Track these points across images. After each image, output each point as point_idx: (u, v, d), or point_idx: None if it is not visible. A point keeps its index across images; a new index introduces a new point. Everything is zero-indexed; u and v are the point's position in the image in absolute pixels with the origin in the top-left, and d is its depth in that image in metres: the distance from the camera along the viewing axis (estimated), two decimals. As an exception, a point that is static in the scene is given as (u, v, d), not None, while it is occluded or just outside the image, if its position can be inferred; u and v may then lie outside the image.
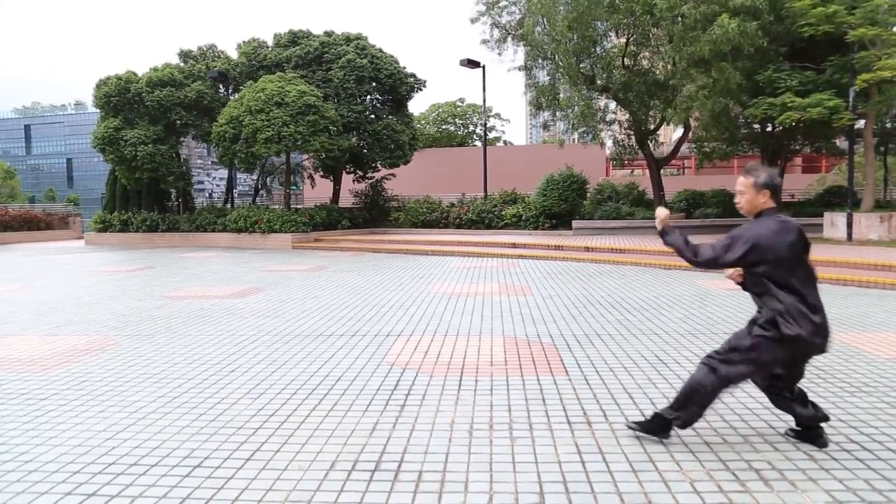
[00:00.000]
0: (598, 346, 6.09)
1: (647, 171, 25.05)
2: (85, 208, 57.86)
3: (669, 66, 18.00)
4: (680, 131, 25.30)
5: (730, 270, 3.70)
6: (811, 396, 3.90)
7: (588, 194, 21.89)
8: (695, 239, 3.62)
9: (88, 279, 12.69)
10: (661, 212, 3.79)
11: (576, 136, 22.67)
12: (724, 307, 8.02)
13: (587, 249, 15.24)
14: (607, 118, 22.84)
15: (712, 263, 3.50)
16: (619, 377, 5.02)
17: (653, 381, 4.88)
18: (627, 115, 21.82)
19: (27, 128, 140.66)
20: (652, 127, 21.98)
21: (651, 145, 22.59)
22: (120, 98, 23.16)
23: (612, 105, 23.11)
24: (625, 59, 20.64)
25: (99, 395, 4.81)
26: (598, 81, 20.88)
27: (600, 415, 4.17)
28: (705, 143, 22.11)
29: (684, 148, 24.75)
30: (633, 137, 22.45)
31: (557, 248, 15.93)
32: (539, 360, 5.57)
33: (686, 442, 3.68)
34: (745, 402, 4.39)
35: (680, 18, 16.23)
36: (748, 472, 3.30)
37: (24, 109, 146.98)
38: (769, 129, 19.70)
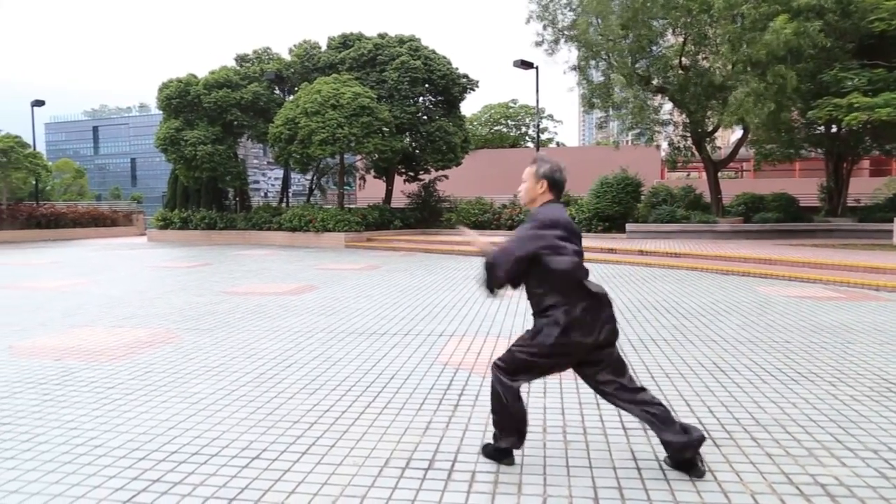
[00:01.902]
0: (653, 351, 5.99)
1: (703, 174, 24.51)
2: (147, 206, 59.72)
3: (728, 67, 17.59)
4: (738, 133, 24.69)
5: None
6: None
7: (642, 197, 21.55)
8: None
9: (151, 274, 13.11)
10: (472, 236, 3.59)
11: (629, 137, 22.36)
12: (785, 315, 7.79)
13: (641, 253, 15.00)
14: (662, 119, 22.44)
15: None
16: (676, 384, 4.93)
17: (710, 389, 4.78)
18: (684, 117, 21.41)
19: (95, 129, 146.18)
20: (709, 129, 21.50)
21: (708, 148, 22.09)
22: (180, 100, 23.87)
23: (668, 106, 22.70)
24: (682, 60, 20.25)
25: (161, 385, 4.97)
26: (654, 82, 20.53)
27: (656, 420, 4.10)
28: (764, 145, 21.53)
29: (743, 150, 24.12)
30: (689, 139, 22.00)
31: (611, 251, 15.72)
32: (593, 364, 5.50)
33: (747, 453, 3.59)
34: (808, 413, 4.25)
35: (739, 18, 15.84)
36: (813, 486, 3.19)
37: (92, 112, 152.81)
38: (834, 130, 19.05)
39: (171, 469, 3.42)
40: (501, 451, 3.48)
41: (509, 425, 3.43)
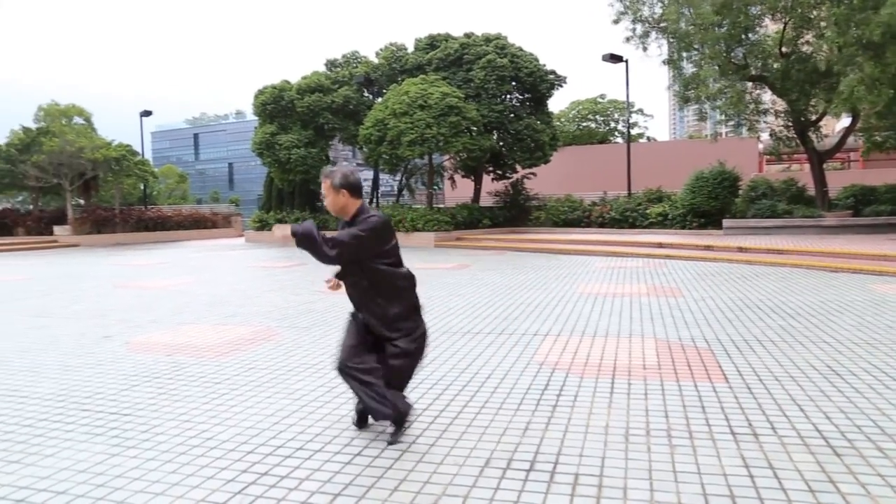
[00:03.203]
0: (759, 352, 5.71)
1: (805, 166, 23.24)
2: (244, 208, 62.20)
3: (835, 51, 16.55)
4: (845, 121, 23.24)
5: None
6: None
7: (740, 192, 20.65)
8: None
9: (250, 274, 13.64)
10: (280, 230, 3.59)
11: (725, 129, 21.47)
12: (905, 314, 7.27)
13: (741, 250, 14.39)
14: (762, 109, 21.40)
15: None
16: (787, 387, 4.67)
17: (826, 394, 4.50)
18: (785, 106, 20.36)
19: (195, 136, 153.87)
20: (813, 118, 20.35)
21: (813, 137, 20.92)
22: (275, 105, 24.75)
23: (767, 95, 21.64)
24: (782, 46, 19.25)
25: (265, 381, 5.14)
26: (753, 70, 19.62)
27: (767, 427, 3.89)
28: (876, 133, 20.16)
29: (851, 139, 22.67)
30: (791, 129, 20.89)
31: (708, 248, 15.16)
32: (695, 366, 5.31)
33: (873, 464, 3.35)
34: (939, 420, 3.93)
35: (846, -1, 14.91)
36: (950, 499, 2.95)
37: (193, 120, 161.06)
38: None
39: (278, 463, 3.53)
40: None
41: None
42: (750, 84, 20.40)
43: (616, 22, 20.94)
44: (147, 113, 34.06)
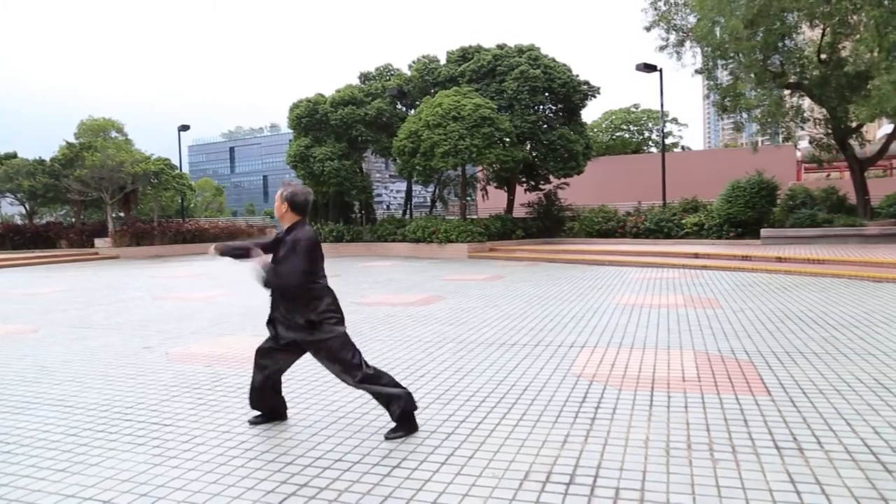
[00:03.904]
0: (802, 364, 5.58)
1: (846, 174, 22.73)
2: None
3: (875, 54, 16.16)
4: (888, 127, 22.69)
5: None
6: None
7: (778, 201, 20.28)
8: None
9: (285, 286, 13.76)
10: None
11: (762, 138, 21.11)
12: (955, 326, 7.04)
13: (779, 260, 14.11)
14: (800, 117, 21.02)
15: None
16: (832, 400, 4.55)
17: (874, 408, 4.37)
18: (824, 113, 19.96)
19: (231, 150, 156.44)
20: (854, 125, 19.91)
21: (854, 144, 20.45)
22: (309, 119, 25.07)
23: (805, 103, 21.25)
24: (820, 52, 18.89)
25: (303, 393, 5.18)
26: (791, 78, 19.29)
27: (813, 441, 3.79)
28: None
29: (893, 145, 22.14)
30: (831, 136, 20.47)
31: (745, 258, 14.89)
32: (736, 378, 5.21)
33: (925, 478, 3.24)
34: None
35: (886, 1, 14.57)
36: None
37: (228, 133, 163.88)
38: None
39: (317, 475, 3.54)
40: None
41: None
42: (787, 91, 20.06)
43: (648, 29, 20.81)
44: (185, 127, 34.77)
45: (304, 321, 4.09)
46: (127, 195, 30.00)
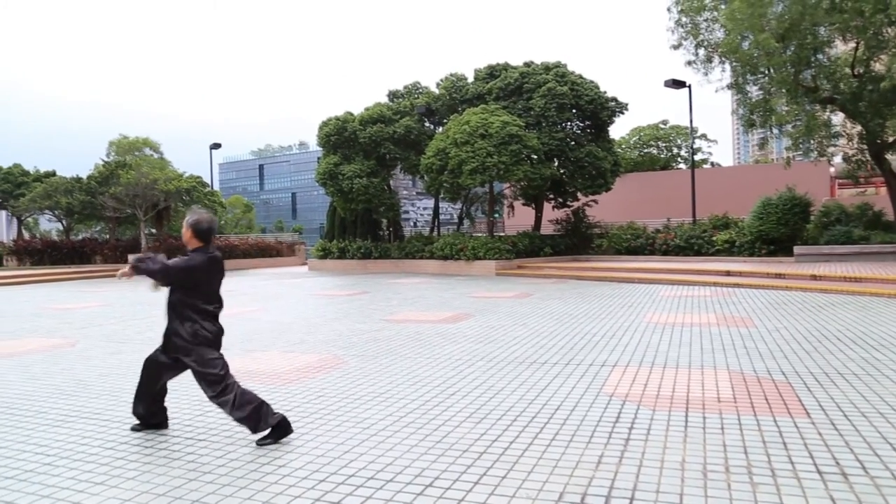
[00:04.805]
0: (841, 386, 5.46)
1: (882, 189, 22.29)
2: (306, 236, 63.61)
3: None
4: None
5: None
6: None
7: (811, 217, 19.95)
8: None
9: (314, 302, 13.87)
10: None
11: (794, 154, 20.81)
12: None
13: (814, 278, 13.85)
14: (834, 132, 20.69)
15: (164, 272, 4.36)
16: (875, 424, 4.44)
17: (919, 431, 4.25)
18: (859, 128, 19.63)
19: (261, 167, 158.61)
20: (890, 139, 19.55)
21: (891, 160, 20.06)
22: (338, 136, 25.34)
23: (839, 117, 20.92)
24: (854, 66, 18.62)
25: (333, 409, 5.19)
26: (823, 93, 19.03)
27: (857, 466, 3.70)
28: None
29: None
30: (866, 152, 20.11)
31: (779, 276, 14.65)
32: (773, 399, 5.11)
33: (975, 505, 3.14)
34: None
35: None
36: None
37: (258, 151, 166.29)
38: None
39: (350, 493, 3.54)
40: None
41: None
42: (818, 106, 19.79)
43: (676, 47, 20.70)
44: (217, 145, 35.36)
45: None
46: (160, 212, 30.54)
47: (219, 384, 4.42)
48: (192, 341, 4.46)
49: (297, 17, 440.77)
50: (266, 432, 4.41)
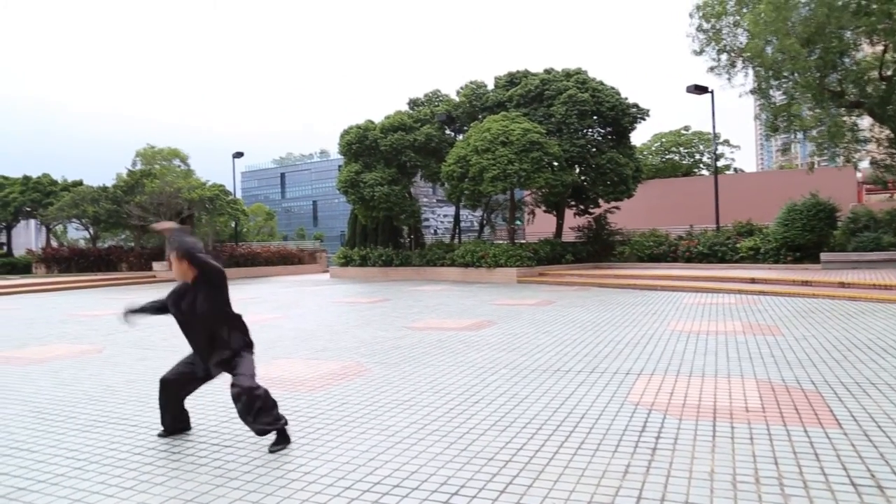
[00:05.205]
0: (874, 396, 5.36)
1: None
2: (327, 244, 63.93)
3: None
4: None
5: None
6: None
7: (838, 223, 19.66)
8: None
9: (336, 309, 13.93)
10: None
11: (819, 159, 20.55)
12: None
13: (842, 285, 13.63)
14: (860, 137, 20.41)
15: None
16: (910, 434, 4.36)
17: (954, 442, 4.16)
18: (887, 132, 19.35)
19: (282, 176, 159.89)
20: (920, 143, 19.25)
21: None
22: (360, 145, 25.48)
23: (865, 122, 20.64)
24: (882, 70, 18.36)
25: (358, 416, 5.20)
26: (849, 97, 18.78)
27: (893, 478, 3.63)
28: None
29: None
30: (895, 157, 19.81)
31: (805, 283, 14.45)
32: (803, 409, 5.03)
33: None
34: None
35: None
36: None
37: (280, 160, 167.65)
38: None
39: (376, 500, 3.54)
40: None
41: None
42: (843, 110, 19.55)
43: (698, 53, 20.57)
44: (239, 154, 35.70)
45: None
46: (183, 220, 30.89)
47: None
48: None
49: (320, 28, 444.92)
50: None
